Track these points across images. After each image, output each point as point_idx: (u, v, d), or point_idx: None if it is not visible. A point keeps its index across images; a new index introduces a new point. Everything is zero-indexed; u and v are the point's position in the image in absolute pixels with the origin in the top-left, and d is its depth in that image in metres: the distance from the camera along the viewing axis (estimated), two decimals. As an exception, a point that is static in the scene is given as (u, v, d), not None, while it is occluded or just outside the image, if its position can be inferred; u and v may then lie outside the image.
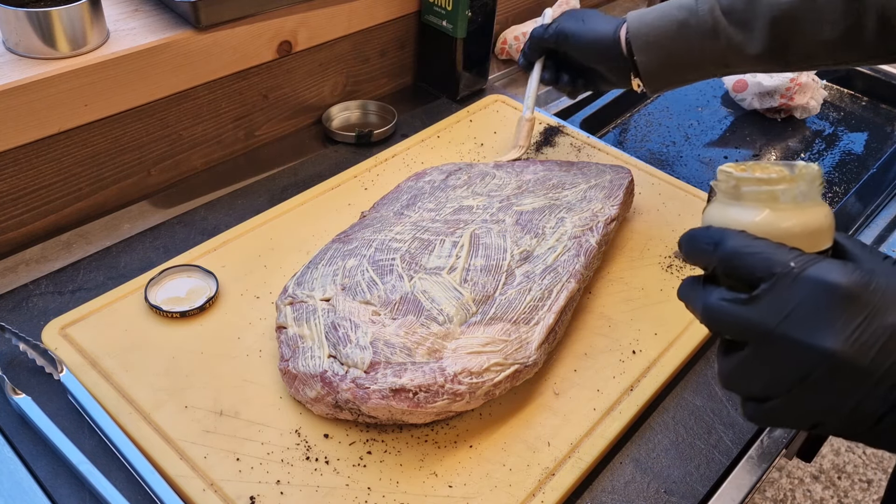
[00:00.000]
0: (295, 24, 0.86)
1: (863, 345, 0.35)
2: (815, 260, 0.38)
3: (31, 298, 0.69)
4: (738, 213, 0.42)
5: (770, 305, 0.38)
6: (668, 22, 0.72)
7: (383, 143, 0.92)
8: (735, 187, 0.42)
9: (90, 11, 0.71)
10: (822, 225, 0.41)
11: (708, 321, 0.41)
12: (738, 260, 0.39)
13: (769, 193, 0.41)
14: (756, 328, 0.38)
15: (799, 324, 0.37)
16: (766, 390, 0.39)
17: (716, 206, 0.44)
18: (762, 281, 0.38)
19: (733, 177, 0.42)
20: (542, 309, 0.62)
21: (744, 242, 0.40)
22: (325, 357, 0.57)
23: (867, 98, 1.26)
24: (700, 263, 0.43)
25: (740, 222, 0.41)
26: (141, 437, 0.57)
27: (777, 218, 0.41)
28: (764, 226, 0.41)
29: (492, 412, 0.61)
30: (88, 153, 0.76)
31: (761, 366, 0.38)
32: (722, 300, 0.40)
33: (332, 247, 0.69)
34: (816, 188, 0.41)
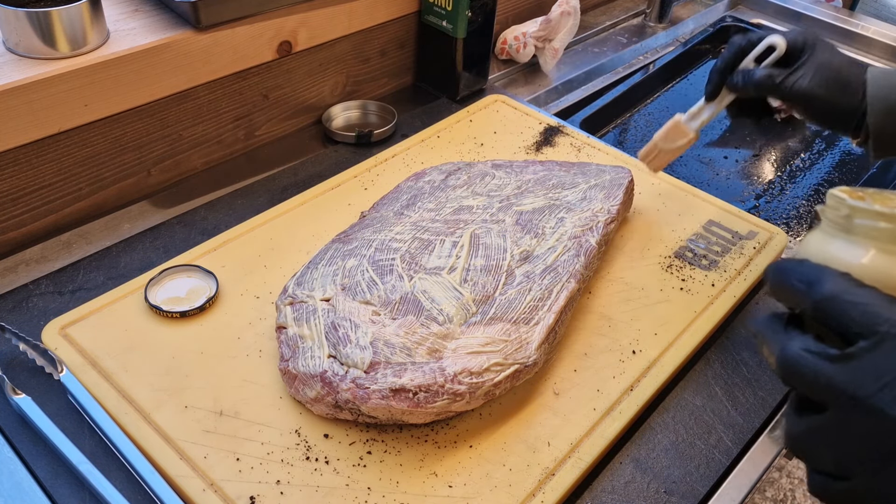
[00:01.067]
0: (295, 24, 0.86)
1: None
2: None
3: (31, 298, 0.69)
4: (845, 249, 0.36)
5: (866, 369, 0.32)
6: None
7: (383, 143, 0.92)
8: (847, 217, 0.36)
9: (90, 11, 0.71)
10: None
11: (784, 373, 0.35)
12: (836, 308, 0.34)
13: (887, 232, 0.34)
14: (844, 392, 0.33)
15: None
16: (842, 466, 0.34)
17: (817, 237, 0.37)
18: (861, 338, 0.33)
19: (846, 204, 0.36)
20: (542, 309, 0.62)
21: (845, 287, 0.34)
22: (325, 357, 0.57)
23: (867, 98, 1.26)
24: (788, 302, 0.37)
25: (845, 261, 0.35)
26: (141, 437, 0.57)
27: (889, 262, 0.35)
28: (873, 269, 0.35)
29: (492, 412, 0.61)
30: (88, 153, 0.76)
31: (842, 437, 0.33)
32: (806, 351, 0.34)
33: (332, 247, 0.69)
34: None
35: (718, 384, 0.67)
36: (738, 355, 0.69)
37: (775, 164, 1.09)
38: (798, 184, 1.06)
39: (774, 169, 1.08)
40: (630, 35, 1.29)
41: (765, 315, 0.38)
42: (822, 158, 1.11)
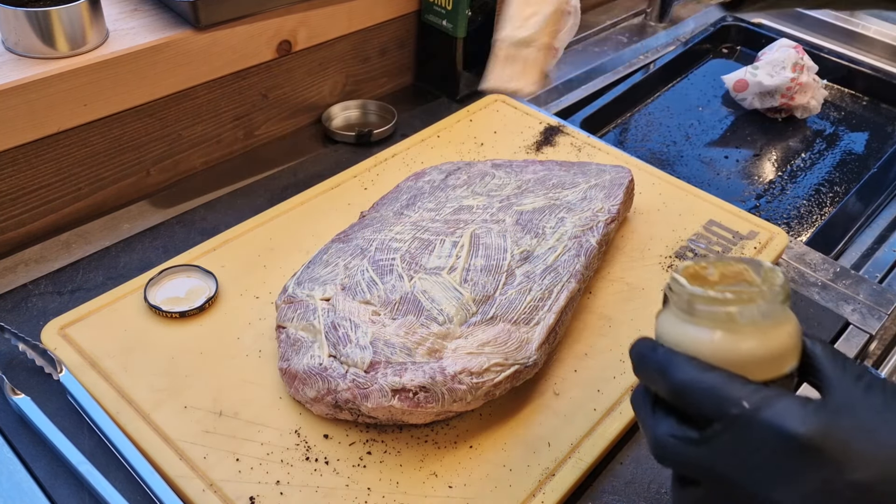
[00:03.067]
0: (295, 23, 0.85)
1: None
2: (771, 399, 0.34)
3: (31, 298, 0.68)
4: (691, 331, 0.37)
5: (723, 450, 0.34)
6: None
7: (383, 143, 0.92)
8: (688, 302, 0.37)
9: (89, 11, 0.71)
10: (784, 347, 0.37)
11: (657, 456, 0.38)
12: (687, 396, 0.36)
13: (724, 315, 0.36)
14: (709, 472, 0.35)
15: (755, 475, 0.33)
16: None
17: (668, 318, 0.39)
18: (714, 420, 0.35)
19: (686, 291, 0.37)
20: (542, 309, 0.62)
21: (692, 375, 0.36)
22: (325, 357, 0.57)
23: (868, 98, 1.26)
24: (650, 386, 0.39)
25: (693, 342, 0.37)
26: (140, 437, 0.56)
27: (732, 341, 0.36)
28: (717, 350, 0.36)
29: (492, 412, 0.61)
30: (88, 153, 0.76)
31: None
32: (672, 436, 0.36)
33: (331, 247, 0.69)
34: (780, 304, 0.37)
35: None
36: (739, 355, 0.69)
37: (776, 164, 1.09)
38: (799, 184, 1.05)
39: (775, 169, 1.08)
40: (630, 35, 1.29)
41: (637, 391, 0.41)
42: (823, 158, 1.11)
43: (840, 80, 1.28)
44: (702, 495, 0.36)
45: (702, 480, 0.36)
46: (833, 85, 1.28)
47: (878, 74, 1.25)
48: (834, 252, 0.91)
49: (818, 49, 1.28)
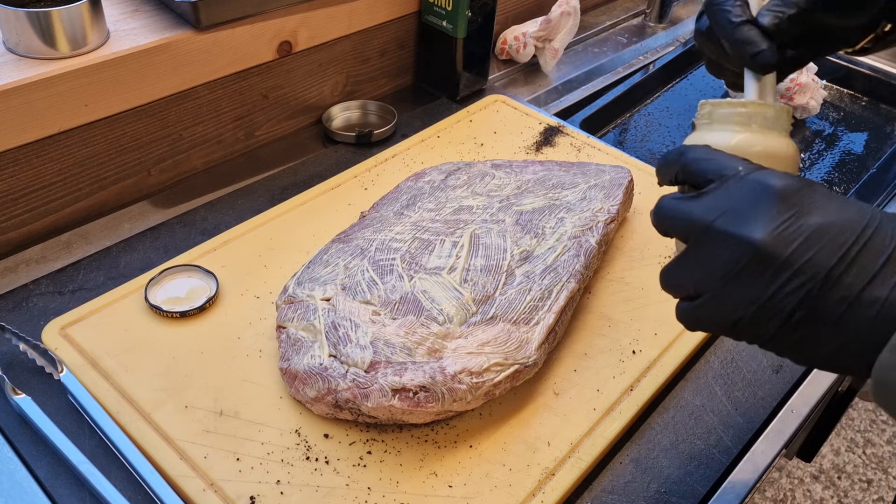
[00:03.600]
0: (295, 24, 0.86)
1: (785, 238, 0.37)
2: (764, 169, 0.40)
3: (31, 298, 0.69)
4: (710, 135, 0.45)
5: (712, 202, 0.40)
6: None
7: (383, 143, 0.92)
8: (709, 114, 0.45)
9: (90, 11, 0.71)
10: (785, 152, 0.44)
11: (657, 219, 0.43)
12: (696, 165, 0.42)
13: (740, 116, 0.44)
14: (696, 223, 0.40)
15: (732, 217, 0.39)
16: (698, 286, 0.40)
17: (693, 134, 0.47)
18: (712, 183, 0.41)
19: (709, 104, 0.46)
20: (542, 309, 0.62)
21: (704, 152, 0.42)
22: (325, 356, 0.57)
23: (867, 98, 1.26)
24: (668, 176, 0.45)
25: (710, 142, 0.44)
26: (141, 437, 0.57)
27: (744, 139, 0.44)
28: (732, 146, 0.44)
29: (492, 412, 0.61)
30: (88, 153, 0.76)
31: (697, 260, 0.40)
32: (673, 198, 0.42)
33: (332, 247, 0.69)
34: (784, 122, 0.44)
35: (718, 384, 0.67)
36: (738, 355, 0.69)
37: (775, 164, 1.09)
38: (798, 184, 1.05)
39: (774, 169, 1.08)
40: (630, 35, 1.29)
41: None
42: (823, 158, 1.11)
43: (839, 81, 1.28)
44: (686, 253, 0.41)
45: (690, 236, 0.41)
46: (832, 85, 1.28)
47: (877, 75, 1.25)
48: (833, 252, 0.91)
49: (818, 49, 1.28)
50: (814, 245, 0.37)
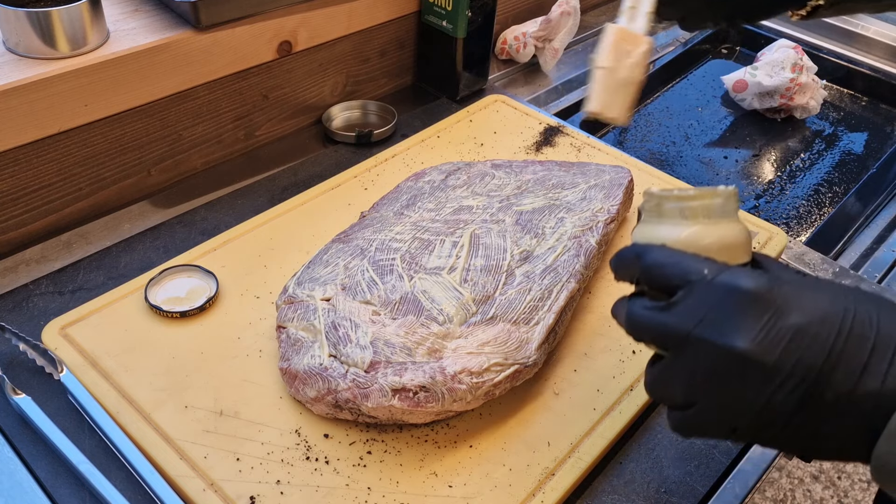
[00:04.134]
0: (295, 24, 0.86)
1: (769, 343, 0.37)
2: (727, 268, 0.40)
3: (31, 298, 0.69)
4: (661, 230, 0.44)
5: (685, 311, 0.40)
6: None
7: (383, 143, 0.92)
8: (657, 206, 0.45)
9: (90, 11, 0.71)
10: (738, 240, 0.43)
11: (630, 329, 0.43)
12: (657, 270, 0.42)
13: (688, 209, 0.44)
14: (673, 333, 0.40)
15: (711, 326, 0.39)
16: (686, 396, 0.40)
17: (641, 227, 0.46)
18: (679, 289, 0.41)
19: (655, 196, 0.45)
20: (542, 309, 0.62)
21: (663, 255, 0.42)
22: (325, 356, 0.57)
23: (867, 98, 1.26)
24: (626, 278, 0.45)
25: (662, 238, 0.44)
26: (141, 437, 0.57)
27: (695, 233, 0.43)
28: (683, 241, 0.43)
29: (492, 412, 0.61)
30: (88, 153, 0.76)
31: (680, 371, 0.40)
32: (643, 308, 0.42)
33: (332, 247, 0.69)
34: (732, 206, 0.44)
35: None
36: (738, 355, 0.69)
37: (775, 164, 1.09)
38: (798, 184, 1.06)
39: (774, 169, 1.08)
40: (630, 35, 1.29)
41: (617, 302, 0.46)
42: (822, 158, 1.11)
43: (839, 81, 1.28)
44: (667, 361, 0.41)
45: (669, 346, 0.41)
46: (832, 85, 1.28)
47: (877, 75, 1.25)
48: (833, 252, 0.92)
49: (817, 49, 1.28)
50: (799, 346, 0.37)
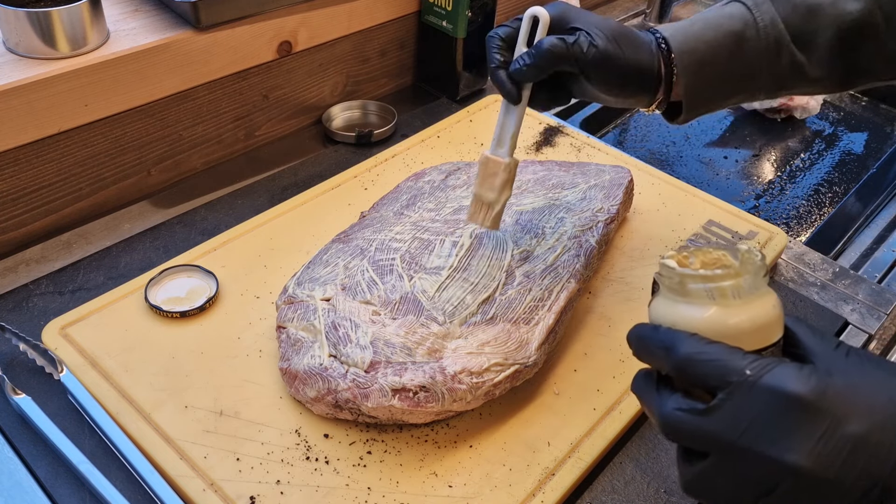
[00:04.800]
0: (295, 24, 0.86)
1: (826, 458, 0.35)
2: (771, 366, 0.37)
3: (31, 298, 0.69)
4: (686, 310, 0.41)
5: (728, 417, 0.37)
6: (721, 35, 0.59)
7: (383, 143, 0.92)
8: (680, 283, 0.41)
9: (90, 11, 0.71)
10: (772, 317, 0.40)
11: (665, 431, 0.40)
12: (693, 368, 0.38)
13: (716, 290, 0.40)
14: (717, 440, 0.37)
15: (760, 437, 0.36)
16: (732, 501, 0.38)
17: (662, 302, 0.42)
18: (718, 389, 0.37)
19: (677, 273, 0.41)
20: (542, 309, 0.62)
21: (697, 349, 0.38)
22: (325, 356, 0.57)
23: (867, 98, 1.26)
24: (653, 365, 0.42)
25: (689, 320, 0.40)
26: (141, 437, 0.57)
27: (725, 315, 0.40)
28: (713, 324, 0.40)
29: (492, 412, 0.61)
30: (88, 153, 0.76)
31: (725, 477, 0.38)
32: (679, 410, 0.39)
33: (332, 247, 0.69)
34: (762, 278, 0.41)
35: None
36: (738, 355, 0.69)
37: (775, 164, 1.09)
38: (798, 184, 1.06)
39: (774, 169, 1.08)
40: (630, 35, 1.29)
41: (638, 376, 0.43)
42: (822, 158, 1.11)
43: (839, 81, 1.28)
44: (709, 466, 0.38)
45: (710, 451, 0.38)
46: (832, 85, 1.28)
47: (877, 75, 1.25)
48: (833, 252, 0.92)
49: (818, 49, 1.28)
50: (860, 458, 0.34)
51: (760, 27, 0.59)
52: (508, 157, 0.63)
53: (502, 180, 0.63)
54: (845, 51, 0.60)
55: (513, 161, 0.64)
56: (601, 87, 0.60)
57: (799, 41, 0.59)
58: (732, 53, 0.59)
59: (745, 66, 0.60)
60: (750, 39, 0.59)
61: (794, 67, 0.60)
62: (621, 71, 0.59)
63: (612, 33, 0.59)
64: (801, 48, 0.59)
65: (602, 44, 0.58)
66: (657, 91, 0.61)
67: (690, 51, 0.59)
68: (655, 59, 0.60)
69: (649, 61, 0.60)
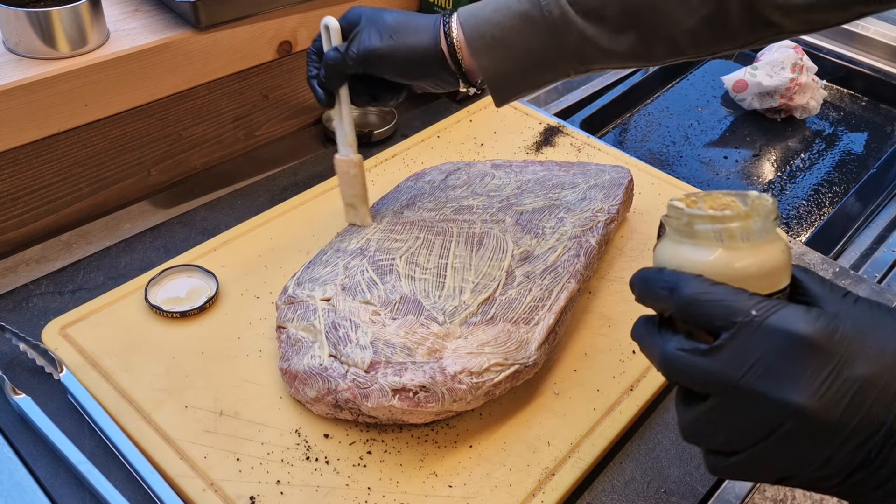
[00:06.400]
0: (295, 24, 0.86)
1: (831, 399, 0.34)
2: (777, 307, 0.36)
3: (31, 298, 0.69)
4: (692, 252, 0.39)
5: (732, 356, 0.36)
6: (508, 16, 0.60)
7: (383, 143, 0.92)
8: (687, 224, 0.40)
9: (90, 11, 0.71)
10: (780, 262, 0.39)
11: (666, 371, 0.39)
12: (697, 308, 0.37)
13: (725, 231, 0.39)
14: (719, 380, 0.36)
15: (764, 376, 0.35)
16: (731, 444, 0.37)
17: (668, 245, 0.41)
18: (723, 330, 0.37)
19: (685, 213, 0.40)
20: (542, 309, 0.62)
21: (701, 289, 0.37)
22: (325, 356, 0.57)
23: (867, 98, 1.26)
24: (655, 308, 0.41)
25: (694, 262, 0.39)
26: (141, 437, 0.57)
27: (732, 257, 0.38)
28: (719, 266, 0.38)
29: (492, 412, 0.61)
30: (88, 153, 0.76)
31: (725, 419, 0.37)
32: (681, 350, 0.38)
33: (331, 247, 0.69)
34: (772, 222, 0.39)
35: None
36: (738, 355, 0.69)
37: (775, 165, 1.09)
38: (798, 184, 1.06)
39: (774, 169, 1.08)
40: (630, 35, 1.29)
41: (639, 322, 0.42)
42: (822, 158, 1.11)
43: (839, 81, 1.28)
44: (709, 408, 0.37)
45: (711, 391, 0.37)
46: (832, 85, 1.28)
47: (877, 75, 1.25)
48: (833, 252, 0.92)
49: (817, 49, 1.28)
50: (865, 400, 0.34)
51: (543, 5, 0.59)
52: (352, 154, 0.70)
53: (353, 175, 0.70)
54: (637, 24, 0.60)
55: (356, 156, 0.70)
56: (392, 76, 0.64)
57: (588, 15, 0.59)
58: (522, 34, 0.60)
59: (538, 44, 0.60)
60: (536, 18, 0.60)
61: (587, 41, 0.60)
62: (397, 60, 0.62)
63: (390, 27, 0.62)
64: (592, 22, 0.59)
65: (374, 42, 0.62)
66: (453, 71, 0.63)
67: (481, 35, 0.60)
68: (437, 42, 0.62)
69: (428, 45, 0.62)
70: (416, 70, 0.63)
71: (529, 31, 0.60)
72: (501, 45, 0.60)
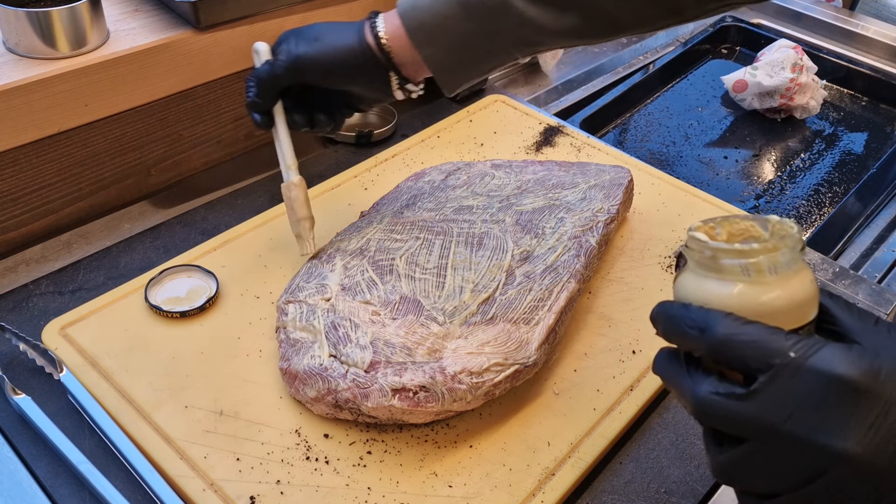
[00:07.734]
0: (295, 24, 0.85)
1: (879, 444, 0.33)
2: (816, 346, 0.34)
3: (31, 298, 0.69)
4: (719, 287, 0.38)
5: (772, 401, 0.34)
6: (447, 4, 0.59)
7: (383, 143, 0.92)
8: (712, 258, 0.38)
9: (90, 11, 0.71)
10: (809, 294, 0.38)
11: (700, 416, 0.37)
12: (731, 350, 0.36)
13: (752, 266, 0.37)
14: (758, 426, 0.35)
15: (807, 422, 0.34)
16: (772, 488, 0.36)
17: (690, 279, 0.39)
18: (759, 372, 0.35)
19: (709, 247, 0.38)
20: (542, 309, 0.62)
21: (734, 329, 0.36)
22: (325, 356, 0.57)
23: (867, 98, 1.26)
24: (683, 347, 0.39)
25: (721, 298, 0.37)
26: (141, 437, 0.57)
27: (760, 291, 0.37)
28: (747, 301, 0.37)
29: (492, 412, 0.61)
30: (88, 153, 0.76)
31: (765, 463, 0.35)
32: (716, 394, 0.36)
33: (331, 246, 0.69)
34: (799, 253, 0.38)
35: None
36: (738, 355, 0.69)
37: (775, 164, 1.09)
38: (798, 184, 1.06)
39: (774, 169, 1.08)
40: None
41: (661, 356, 0.40)
42: (822, 158, 1.11)
43: (839, 81, 1.28)
44: (748, 451, 0.36)
45: (748, 436, 0.36)
46: (832, 85, 1.28)
47: (877, 75, 1.25)
48: (833, 252, 0.92)
49: (817, 49, 1.28)
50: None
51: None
52: (293, 176, 0.69)
53: (293, 198, 0.69)
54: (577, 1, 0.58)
55: (297, 177, 0.69)
56: (323, 81, 0.64)
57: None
58: (461, 21, 0.59)
59: (480, 30, 0.60)
60: (472, 4, 0.59)
61: (528, 23, 0.59)
62: (324, 62, 0.62)
63: (315, 33, 0.63)
64: (534, 2, 0.58)
65: (301, 48, 0.62)
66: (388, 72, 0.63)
67: (421, 24, 0.60)
68: (363, 38, 0.62)
69: (353, 42, 0.62)
70: (345, 71, 0.62)
71: (467, 17, 0.59)
72: (442, 33, 0.60)
